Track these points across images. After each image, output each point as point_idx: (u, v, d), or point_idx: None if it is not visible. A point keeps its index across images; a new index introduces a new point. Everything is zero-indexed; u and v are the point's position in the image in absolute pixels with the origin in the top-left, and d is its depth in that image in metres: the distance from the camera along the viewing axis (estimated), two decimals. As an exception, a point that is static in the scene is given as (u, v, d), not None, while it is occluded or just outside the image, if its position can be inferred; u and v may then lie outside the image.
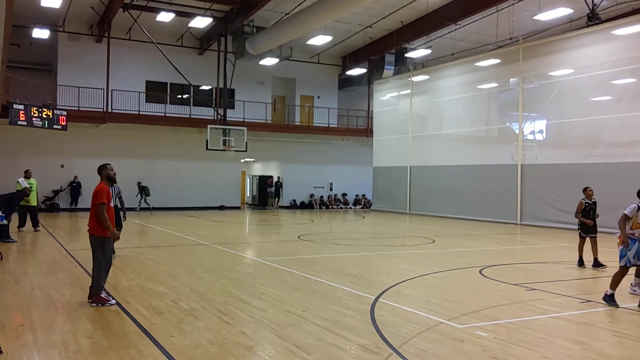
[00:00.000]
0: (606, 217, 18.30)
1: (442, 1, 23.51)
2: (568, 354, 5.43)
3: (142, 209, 26.38)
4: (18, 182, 16.19)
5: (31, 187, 16.19)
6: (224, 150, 26.15)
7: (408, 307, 7.24)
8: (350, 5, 19.76)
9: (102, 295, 7.20)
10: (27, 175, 16.51)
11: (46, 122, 22.67)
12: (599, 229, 11.17)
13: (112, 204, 7.42)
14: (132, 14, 23.22)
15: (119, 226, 10.44)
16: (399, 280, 9.25)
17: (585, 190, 11.12)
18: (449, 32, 24.65)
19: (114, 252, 9.37)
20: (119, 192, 10.67)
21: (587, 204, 10.98)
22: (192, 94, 28.93)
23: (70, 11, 24.21)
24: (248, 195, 36.03)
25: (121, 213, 11.10)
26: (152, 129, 27.38)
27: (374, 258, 12.33)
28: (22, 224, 16.58)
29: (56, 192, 26.02)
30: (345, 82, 33.01)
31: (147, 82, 27.98)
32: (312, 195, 33.03)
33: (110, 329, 6.15)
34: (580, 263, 11.09)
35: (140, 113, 26.53)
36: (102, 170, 7.52)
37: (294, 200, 32.54)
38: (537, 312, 7.18)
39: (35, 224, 16.63)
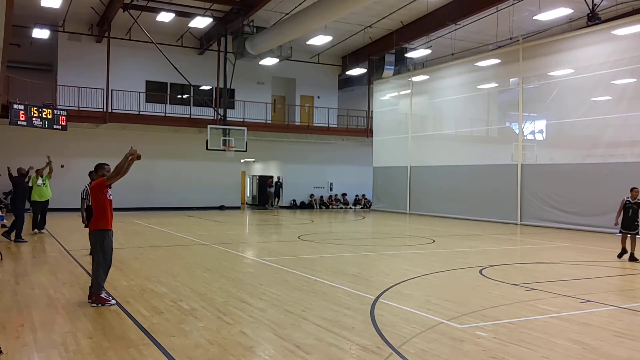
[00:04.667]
0: (606, 217, 18.45)
1: (442, 1, 23.51)
2: (568, 354, 5.43)
3: None
4: (32, 177, 15.56)
5: (44, 183, 15.63)
6: (224, 150, 26.16)
7: (408, 307, 7.24)
8: (350, 5, 19.76)
9: (102, 295, 7.21)
10: (39, 174, 16.10)
11: (46, 122, 22.69)
12: (602, 229, 11.33)
13: (109, 197, 7.37)
14: (132, 14, 23.24)
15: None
16: (399, 280, 9.25)
17: (632, 190, 12.04)
18: (449, 32, 24.66)
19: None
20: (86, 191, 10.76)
21: (627, 203, 11.90)
22: (192, 94, 28.91)
23: (70, 11, 24.20)
24: (248, 195, 36.03)
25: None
26: (152, 129, 27.36)
27: (374, 258, 12.32)
28: (36, 223, 15.71)
29: (7, 194, 23.72)
30: (345, 82, 33.00)
31: (147, 82, 27.97)
32: (312, 195, 33.04)
33: (110, 329, 6.14)
34: (621, 254, 12.14)
35: (140, 113, 26.53)
36: (99, 169, 7.61)
37: (294, 200, 32.54)
38: (537, 312, 7.18)
39: (42, 225, 15.90)
